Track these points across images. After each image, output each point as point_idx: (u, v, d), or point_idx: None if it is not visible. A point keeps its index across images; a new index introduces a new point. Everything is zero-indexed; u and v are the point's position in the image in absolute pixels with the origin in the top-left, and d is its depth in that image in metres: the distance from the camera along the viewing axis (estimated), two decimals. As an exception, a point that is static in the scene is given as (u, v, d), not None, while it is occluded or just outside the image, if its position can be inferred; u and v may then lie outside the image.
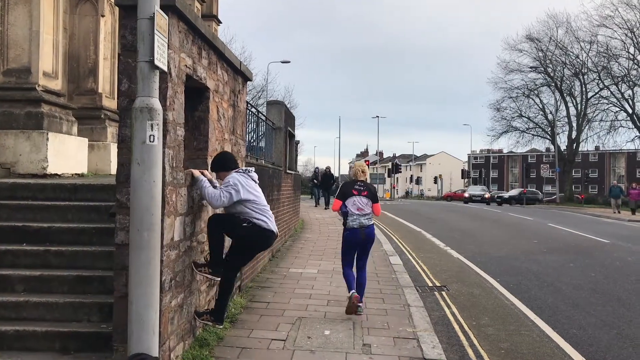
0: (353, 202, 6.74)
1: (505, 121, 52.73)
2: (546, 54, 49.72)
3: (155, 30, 3.83)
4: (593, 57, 47.14)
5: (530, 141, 53.67)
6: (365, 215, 6.75)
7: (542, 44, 49.57)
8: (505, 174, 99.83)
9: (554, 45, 49.11)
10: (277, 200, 11.49)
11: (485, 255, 12.21)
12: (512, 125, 52.63)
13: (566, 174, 48.96)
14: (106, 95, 10.91)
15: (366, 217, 6.76)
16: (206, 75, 5.60)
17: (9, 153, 8.14)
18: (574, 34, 47.93)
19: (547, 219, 23.44)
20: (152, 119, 3.85)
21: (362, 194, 6.77)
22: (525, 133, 52.43)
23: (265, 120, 11.71)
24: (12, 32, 8.57)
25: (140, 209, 3.81)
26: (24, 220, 5.69)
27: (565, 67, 49.54)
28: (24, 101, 8.45)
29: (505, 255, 12.49)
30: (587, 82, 48.56)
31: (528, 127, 52.53)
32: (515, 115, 52.36)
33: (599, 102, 48.64)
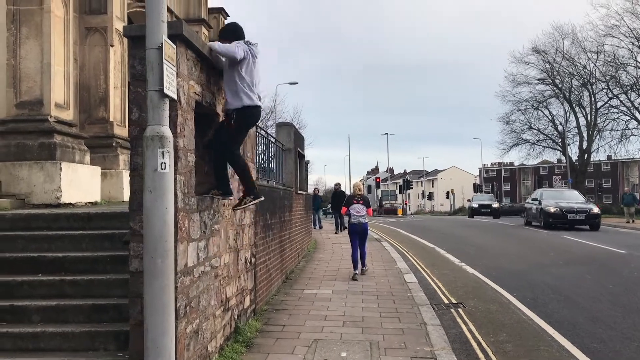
0: (354, 208, 10.66)
1: (515, 134, 52.55)
2: (553, 65, 49.69)
3: (163, 59, 3.89)
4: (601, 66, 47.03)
5: (541, 153, 53.39)
6: (361, 216, 10.64)
7: (549, 55, 49.56)
8: (518, 186, 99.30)
9: (560, 57, 49.09)
10: (289, 221, 11.49)
11: (500, 270, 12.11)
12: (522, 138, 52.42)
13: (579, 185, 48.53)
14: (117, 124, 11.05)
15: (362, 217, 10.65)
16: (215, 101, 5.66)
17: (24, 184, 8.25)
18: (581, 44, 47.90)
19: (562, 231, 23.23)
20: (163, 147, 3.89)
21: (360, 203, 10.67)
22: (535, 145, 52.19)
23: (275, 142, 11.78)
24: (24, 65, 8.74)
25: (154, 236, 3.84)
26: (40, 250, 5.75)
27: (573, 77, 49.44)
28: (37, 132, 8.59)
29: (521, 269, 12.38)
30: (595, 92, 48.38)
31: (538, 139, 52.30)
32: (525, 127, 52.19)
33: (608, 111, 48.39)
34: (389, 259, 13.68)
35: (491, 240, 19.92)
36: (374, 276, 10.82)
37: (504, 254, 15.38)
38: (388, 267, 12.08)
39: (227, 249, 5.89)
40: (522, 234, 22.49)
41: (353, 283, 9.99)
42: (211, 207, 5.35)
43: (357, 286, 9.67)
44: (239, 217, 6.51)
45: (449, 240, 19.78)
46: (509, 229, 25.76)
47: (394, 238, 21.04)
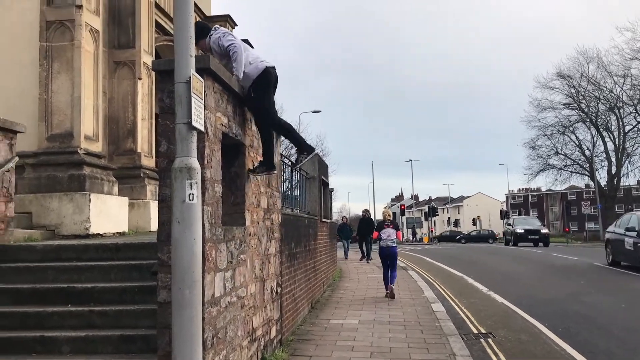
0: (385, 232, 11.75)
1: (541, 159, 52.05)
2: (579, 90, 49.35)
3: (192, 93, 3.96)
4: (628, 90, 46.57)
5: (569, 178, 52.70)
6: (391, 240, 11.66)
7: (574, 80, 49.29)
8: (545, 212, 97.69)
9: (586, 81, 48.78)
10: (314, 250, 11.46)
11: (530, 298, 11.85)
12: (548, 163, 51.89)
13: (609, 210, 47.60)
14: (145, 155, 11.23)
15: (391, 241, 11.67)
16: (241, 132, 5.73)
17: (54, 215, 8.41)
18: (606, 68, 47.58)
19: (593, 258, 22.71)
20: (191, 178, 3.94)
21: (390, 227, 11.78)
22: (562, 170, 51.58)
23: (299, 171, 11.83)
24: (56, 99, 8.99)
25: (182, 267, 3.86)
26: (69, 281, 5.82)
27: (600, 102, 48.99)
28: (67, 164, 8.77)
29: (552, 297, 12.10)
30: (623, 116, 47.82)
31: (565, 164, 51.69)
32: (552, 152, 51.69)
33: (637, 135, 47.70)
34: (416, 287, 13.51)
35: (519, 268, 19.55)
36: (400, 305, 10.68)
37: (533, 282, 15.08)
38: (415, 296, 11.92)
39: (253, 279, 5.89)
40: (550, 261, 22.04)
41: (380, 312, 9.87)
42: (237, 237, 5.37)
43: (384, 316, 9.55)
44: (264, 247, 6.52)
45: (476, 268, 19.48)
46: (535, 255, 25.24)
47: (420, 266, 20.80)
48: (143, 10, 11.14)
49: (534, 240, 37.11)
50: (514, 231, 37.98)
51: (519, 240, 37.23)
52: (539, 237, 37.08)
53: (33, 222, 8.46)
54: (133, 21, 10.97)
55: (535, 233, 37.40)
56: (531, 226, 38.61)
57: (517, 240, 37.25)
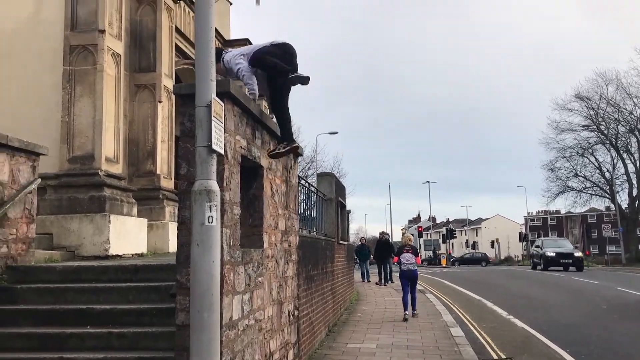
0: (404, 256, 12.08)
1: (560, 181, 51.52)
2: (598, 112, 48.97)
3: (212, 116, 4.01)
4: (648, 111, 46.04)
5: (589, 201, 52.05)
6: (411, 264, 12.02)
7: (593, 102, 48.94)
8: (565, 235, 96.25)
9: (605, 103, 48.43)
10: (331, 272, 11.42)
11: (551, 323, 11.64)
12: (568, 185, 51.34)
13: (630, 234, 46.84)
14: (164, 176, 11.33)
15: (411, 265, 12.02)
16: (260, 154, 5.77)
17: (74, 236, 8.49)
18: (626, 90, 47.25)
19: (615, 282, 22.30)
20: (211, 201, 3.96)
21: (409, 252, 12.11)
22: (582, 193, 50.99)
23: (316, 193, 11.84)
24: (78, 122, 9.14)
25: (201, 290, 3.87)
26: (88, 302, 5.84)
27: (619, 123, 48.54)
28: (87, 186, 8.88)
29: (573, 322, 11.88)
30: (644, 138, 47.23)
31: (585, 186, 51.10)
32: (571, 175, 51.17)
33: (658, 157, 47.05)
34: (434, 311, 13.35)
35: (539, 292, 19.25)
36: (419, 329, 10.55)
37: (554, 306, 14.82)
38: (433, 320, 11.78)
39: (270, 302, 5.87)
40: (571, 285, 21.66)
41: (398, 336, 9.76)
42: (255, 260, 5.37)
43: (402, 340, 9.44)
44: (282, 269, 6.51)
45: (495, 292, 19.21)
46: (555, 279, 24.83)
47: (439, 289, 20.57)
48: (164, 35, 11.35)
49: (566, 264, 33.39)
50: (544, 254, 34.27)
51: (549, 265, 33.65)
52: (572, 261, 33.39)
53: (54, 243, 8.55)
54: (154, 45, 11.16)
55: (568, 257, 33.61)
56: (563, 249, 34.98)
57: (548, 264, 33.66)
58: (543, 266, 33.99)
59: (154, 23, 11.23)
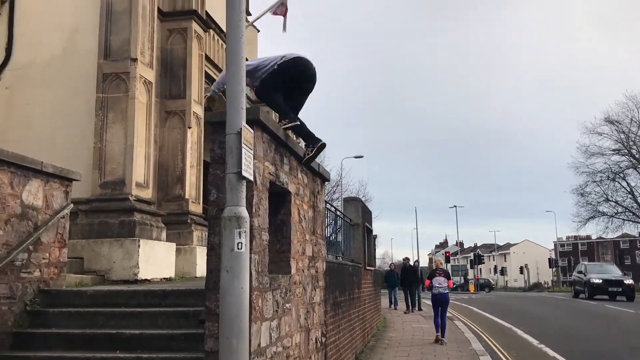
0: (436, 280, 12.25)
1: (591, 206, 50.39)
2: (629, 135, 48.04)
3: (242, 143, 4.07)
4: (680, 135, 45.07)
5: (621, 226, 50.73)
6: (442, 287, 12.19)
7: (623, 125, 48.05)
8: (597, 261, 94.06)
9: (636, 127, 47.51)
10: (357, 298, 11.33)
11: (584, 353, 11.33)
12: (598, 210, 50.16)
13: (665, 260, 45.48)
14: (192, 201, 11.45)
15: (443, 288, 12.20)
16: (287, 180, 5.80)
17: (104, 261, 8.61)
18: (657, 113, 46.30)
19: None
20: (240, 227, 4.00)
21: (441, 275, 12.33)
22: (614, 218, 49.76)
23: (342, 218, 11.82)
24: (109, 148, 9.34)
25: (230, 316, 3.88)
26: (118, 327, 5.89)
27: (651, 147, 47.50)
28: (118, 211, 9.03)
29: (606, 350, 11.54)
30: (677, 162, 46.16)
31: (616, 211, 49.87)
32: (601, 199, 50.02)
33: (693, 181, 45.86)
34: (463, 339, 13.10)
35: (572, 319, 18.76)
36: (447, 358, 10.36)
37: (588, 336, 14.42)
38: (462, 348, 11.55)
39: (298, 329, 5.85)
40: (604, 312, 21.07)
41: (426, 365, 9.60)
42: (283, 286, 5.37)
43: (431, 368, 9.27)
44: (309, 296, 6.49)
45: (526, 320, 18.78)
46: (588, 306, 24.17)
47: (467, 316, 20.21)
48: (194, 63, 11.58)
49: (614, 293, 29.33)
50: (589, 281, 30.39)
51: (595, 293, 29.74)
52: (622, 290, 29.32)
53: (84, 267, 8.67)
54: (184, 73, 11.40)
55: (617, 284, 29.55)
56: (610, 275, 30.91)
57: (593, 293, 29.77)
58: (588, 294, 30.27)
59: (184, 51, 11.49)
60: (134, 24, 9.74)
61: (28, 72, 10.19)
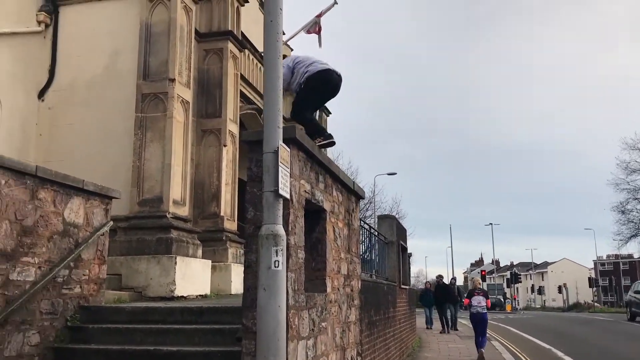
0: (475, 299, 12.50)
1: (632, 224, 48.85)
2: (670, 151, 46.61)
3: (279, 162, 4.10)
4: None
5: (665, 244, 49.10)
6: (481, 307, 12.41)
7: (665, 141, 46.67)
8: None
9: (679, 142, 46.07)
10: (392, 317, 11.20)
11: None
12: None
13: None
14: (227, 218, 11.55)
15: (481, 307, 12.41)
16: (323, 198, 5.81)
17: (141, 277, 8.73)
18: (701, 128, 44.88)
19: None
20: (277, 245, 4.01)
21: (480, 295, 12.63)
22: (658, 236, 48.12)
23: (377, 235, 11.75)
24: (148, 166, 9.52)
25: (267, 335, 3.88)
26: (155, 343, 5.95)
27: (696, 163, 45.98)
28: (155, 228, 9.16)
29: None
30: None
31: (660, 229, 48.27)
32: (644, 217, 48.51)
33: None
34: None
35: (617, 342, 18.15)
36: (485, 379, 10.13)
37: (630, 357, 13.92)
38: (500, 370, 11.29)
39: (334, 348, 5.81)
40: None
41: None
42: (319, 304, 5.35)
43: (468, 390, 9.07)
44: (344, 314, 6.45)
45: (566, 341, 18.25)
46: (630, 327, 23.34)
47: (504, 336, 19.76)
48: (229, 82, 11.77)
49: None
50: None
51: None
52: None
53: (122, 284, 8.81)
54: (220, 92, 11.59)
55: None
56: None
57: None
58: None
59: (220, 71, 11.69)
60: (172, 46, 9.97)
61: (70, 92, 10.52)
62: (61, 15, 10.90)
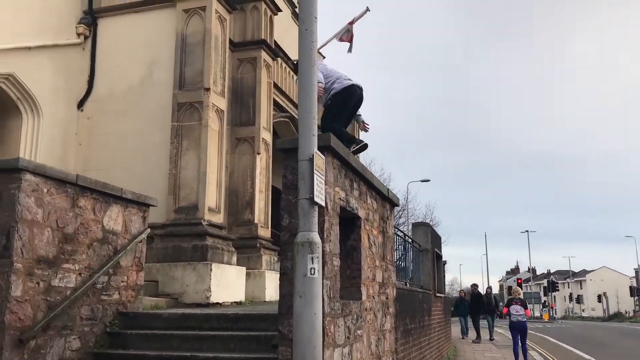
0: (513, 308, 12.79)
1: (676, 231, 47.43)
2: None
3: (314, 170, 4.11)
4: None
5: None
6: (520, 315, 12.74)
7: None
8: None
9: None
10: (428, 326, 11.08)
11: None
12: (685, 236, 47.11)
13: None
14: (261, 225, 11.60)
15: (520, 316, 12.74)
16: (357, 205, 5.80)
17: (178, 284, 8.83)
18: None
19: None
20: (313, 252, 4.02)
21: (518, 304, 12.86)
22: (702, 243, 46.57)
23: (411, 243, 11.66)
24: (183, 175, 9.65)
25: (303, 342, 3.89)
26: (192, 350, 6.01)
27: None
28: (191, 235, 9.27)
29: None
30: None
31: None
32: (688, 224, 46.99)
33: None
34: (539, 370, 12.54)
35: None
36: (523, 390, 9.92)
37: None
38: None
39: (369, 356, 5.78)
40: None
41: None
42: (354, 312, 5.33)
43: (506, 400, 8.90)
44: (380, 322, 6.41)
45: (608, 352, 17.77)
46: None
47: (542, 346, 19.35)
48: (263, 91, 11.86)
49: None
50: None
51: None
52: None
53: (159, 290, 8.93)
54: (254, 101, 11.68)
55: None
56: None
57: None
58: None
59: (254, 80, 11.79)
60: (207, 56, 10.11)
61: (108, 102, 10.74)
62: (100, 27, 11.16)
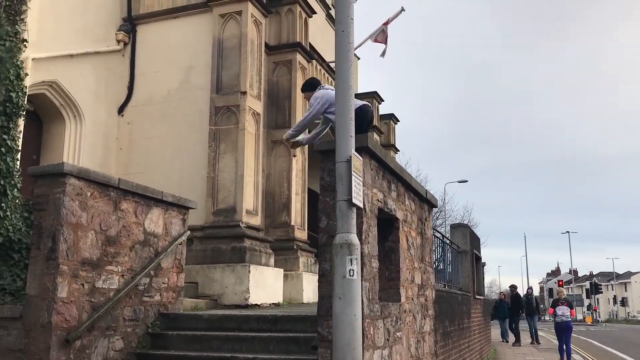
0: (559, 309, 13.32)
1: None
2: None
3: (352, 171, 4.11)
4: None
5: None
6: (565, 316, 13.24)
7: None
8: None
9: None
10: (467, 328, 10.94)
11: None
12: None
13: None
14: (298, 227, 11.65)
15: (566, 317, 13.24)
16: (395, 207, 5.77)
17: (217, 285, 8.94)
18: None
19: None
20: (351, 254, 4.01)
21: (564, 305, 13.42)
22: None
23: (450, 244, 11.53)
24: (221, 177, 9.77)
25: (343, 344, 3.88)
26: (232, 351, 6.06)
27: None
28: (230, 237, 9.37)
29: None
30: None
31: None
32: None
33: None
34: (583, 374, 12.23)
35: None
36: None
37: None
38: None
39: (409, 358, 5.74)
40: None
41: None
42: (393, 314, 5.30)
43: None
44: (419, 324, 6.36)
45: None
46: None
47: (586, 350, 18.87)
48: (298, 94, 11.89)
49: None
50: None
51: None
52: None
53: (199, 292, 9.05)
54: (289, 103, 11.75)
55: None
56: None
57: None
58: None
59: (289, 82, 11.85)
60: (243, 60, 10.21)
61: (147, 107, 10.96)
62: (138, 34, 11.40)
